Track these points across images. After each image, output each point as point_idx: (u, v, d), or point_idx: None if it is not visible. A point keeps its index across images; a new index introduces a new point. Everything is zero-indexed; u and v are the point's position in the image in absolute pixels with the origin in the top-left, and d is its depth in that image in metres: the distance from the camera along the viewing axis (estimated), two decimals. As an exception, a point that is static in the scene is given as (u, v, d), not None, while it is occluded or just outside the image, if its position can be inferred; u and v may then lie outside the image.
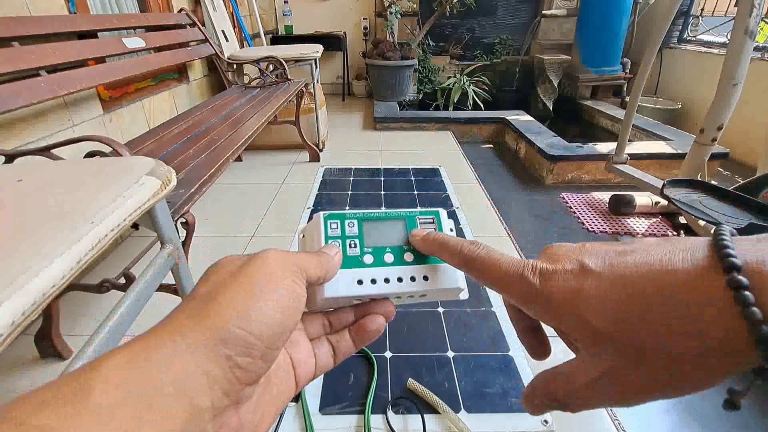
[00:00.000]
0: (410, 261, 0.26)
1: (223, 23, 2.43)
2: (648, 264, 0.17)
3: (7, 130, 1.14)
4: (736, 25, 1.38)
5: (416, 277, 0.26)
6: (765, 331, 0.14)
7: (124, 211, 0.55)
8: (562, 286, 0.19)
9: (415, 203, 1.93)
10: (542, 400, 0.21)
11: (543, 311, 0.19)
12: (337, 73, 4.17)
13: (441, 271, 0.26)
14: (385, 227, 0.27)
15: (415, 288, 0.25)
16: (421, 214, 0.28)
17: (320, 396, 0.97)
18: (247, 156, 2.54)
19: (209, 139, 1.37)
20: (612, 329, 0.17)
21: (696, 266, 0.16)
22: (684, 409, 1.00)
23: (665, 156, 2.23)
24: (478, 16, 3.97)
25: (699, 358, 0.16)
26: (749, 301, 0.14)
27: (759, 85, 2.46)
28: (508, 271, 0.21)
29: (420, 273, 0.26)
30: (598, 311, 0.17)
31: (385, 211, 0.28)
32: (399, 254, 0.26)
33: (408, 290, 0.25)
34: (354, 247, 0.26)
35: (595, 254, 0.19)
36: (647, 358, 0.16)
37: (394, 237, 0.27)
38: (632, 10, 3.35)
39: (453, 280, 0.26)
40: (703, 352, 0.15)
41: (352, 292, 0.25)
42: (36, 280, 0.42)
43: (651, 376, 0.17)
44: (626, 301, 0.17)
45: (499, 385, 1.00)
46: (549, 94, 3.77)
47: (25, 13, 1.22)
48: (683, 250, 0.17)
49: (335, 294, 0.24)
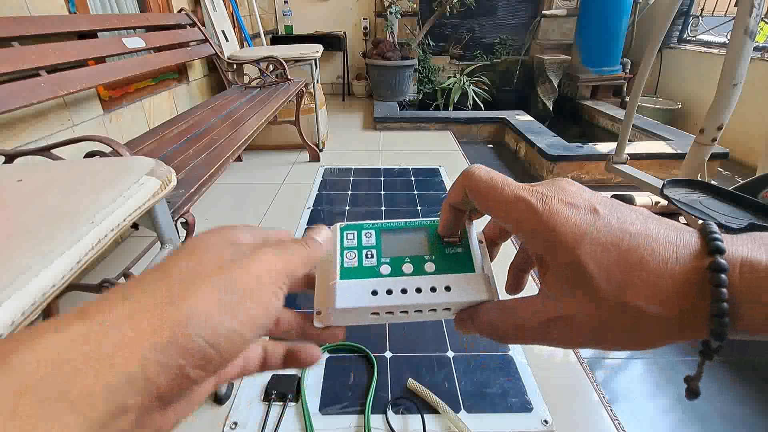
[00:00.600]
0: (431, 271, 0.25)
1: (223, 23, 2.43)
2: (647, 230, 0.18)
3: (7, 130, 1.14)
4: (736, 25, 1.38)
5: (437, 287, 0.24)
6: (723, 307, 0.15)
7: (124, 211, 0.55)
8: (571, 221, 0.19)
9: (415, 203, 1.93)
10: (481, 327, 0.22)
11: (539, 238, 0.19)
12: (337, 73, 4.17)
13: (465, 282, 0.24)
14: (406, 237, 0.26)
15: (435, 300, 0.24)
16: None
17: (320, 396, 0.97)
18: (247, 156, 2.54)
19: (209, 139, 1.37)
20: (602, 278, 0.18)
21: (687, 245, 0.17)
22: (684, 410, 1.00)
23: (665, 156, 2.23)
24: (478, 16, 3.97)
25: (659, 323, 0.17)
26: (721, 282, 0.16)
27: (759, 85, 2.46)
28: (510, 194, 0.20)
29: (441, 283, 0.24)
30: (596, 258, 0.18)
31: (405, 221, 0.27)
32: (419, 264, 0.25)
33: (427, 302, 0.24)
34: (371, 258, 0.25)
35: (606, 205, 0.19)
36: (619, 313, 0.17)
37: (414, 247, 0.26)
38: (632, 10, 3.35)
39: (477, 293, 0.24)
40: (667, 318, 0.17)
41: (365, 302, 0.23)
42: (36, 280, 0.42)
43: (613, 328, 0.18)
44: (623, 257, 0.17)
45: (499, 385, 1.00)
46: (549, 94, 3.77)
47: (25, 13, 1.22)
48: (679, 230, 0.18)
49: (347, 305, 0.23)
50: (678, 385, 1.06)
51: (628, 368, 1.12)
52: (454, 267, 0.25)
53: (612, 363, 1.13)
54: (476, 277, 0.24)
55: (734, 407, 1.01)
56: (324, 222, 1.60)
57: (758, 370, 1.10)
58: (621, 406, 0.99)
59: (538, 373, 1.03)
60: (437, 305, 0.24)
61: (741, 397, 1.03)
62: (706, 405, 1.01)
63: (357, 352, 1.09)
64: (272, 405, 0.95)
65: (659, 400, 1.03)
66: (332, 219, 1.78)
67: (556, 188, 0.20)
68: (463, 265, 0.25)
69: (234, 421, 0.92)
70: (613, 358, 1.15)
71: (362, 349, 1.09)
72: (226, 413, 0.94)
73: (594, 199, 0.20)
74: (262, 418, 0.92)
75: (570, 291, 0.19)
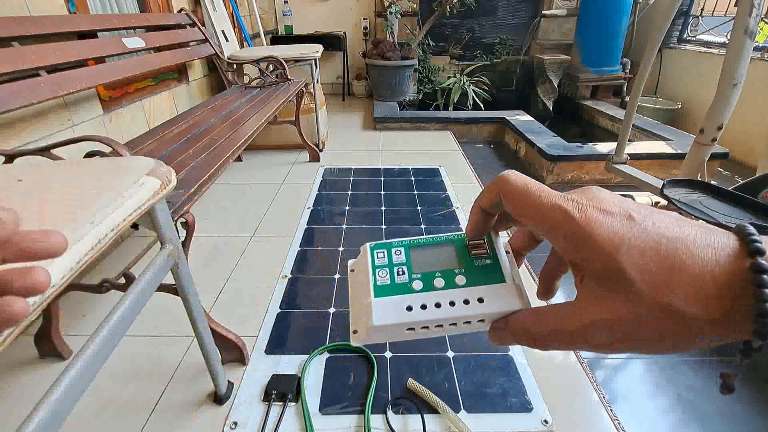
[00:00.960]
0: (462, 284, 0.25)
1: (223, 23, 2.43)
2: (683, 234, 0.18)
3: (7, 130, 1.14)
4: (735, 25, 1.38)
5: (470, 300, 0.24)
6: (766, 308, 0.16)
7: (124, 211, 0.55)
8: (608, 228, 0.19)
9: (415, 203, 1.93)
10: (517, 335, 0.22)
11: (577, 244, 0.20)
12: (337, 73, 4.17)
13: (497, 293, 0.25)
14: (434, 252, 0.27)
15: (469, 312, 0.24)
16: None
17: (320, 396, 0.97)
18: (247, 156, 2.54)
19: (209, 139, 1.37)
20: (643, 282, 0.18)
21: (725, 247, 0.18)
22: (684, 410, 1.00)
23: (665, 156, 2.23)
24: (478, 16, 3.97)
25: (701, 325, 0.17)
26: (764, 283, 0.16)
27: (759, 85, 2.46)
28: (546, 201, 0.21)
29: (474, 295, 0.24)
30: (636, 263, 0.18)
31: (432, 236, 0.28)
32: (450, 278, 0.25)
33: (461, 314, 0.24)
34: (402, 275, 0.26)
35: (640, 211, 0.20)
36: (661, 316, 0.18)
37: (444, 261, 0.26)
38: (632, 10, 3.35)
39: (511, 302, 0.24)
40: (709, 320, 0.17)
41: (401, 319, 0.24)
42: (36, 280, 0.42)
43: (653, 331, 0.18)
44: (663, 261, 0.18)
45: (499, 385, 1.00)
46: (549, 94, 3.77)
47: (25, 13, 1.22)
48: (713, 233, 0.18)
49: (384, 322, 0.24)
50: (678, 386, 1.06)
51: (628, 368, 1.12)
52: (485, 278, 0.25)
53: (612, 363, 1.13)
54: (508, 287, 0.25)
55: (734, 407, 1.01)
56: (324, 222, 1.60)
57: (758, 370, 1.10)
58: (621, 406, 0.99)
59: (538, 373, 1.03)
60: (471, 317, 0.24)
61: (741, 397, 1.03)
62: (706, 405, 1.01)
63: (357, 352, 1.09)
64: (272, 405, 0.95)
65: (659, 400, 1.03)
66: (332, 219, 1.78)
67: (591, 196, 0.21)
68: (493, 275, 0.25)
69: (234, 421, 0.92)
70: (613, 358, 1.15)
71: (362, 349, 1.09)
72: (226, 413, 0.94)
73: (628, 205, 0.20)
74: (262, 418, 0.92)
75: (611, 295, 0.19)
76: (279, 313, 1.22)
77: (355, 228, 1.71)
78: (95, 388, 0.99)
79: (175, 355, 1.09)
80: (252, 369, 1.05)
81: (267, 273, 1.42)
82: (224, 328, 1.02)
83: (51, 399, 0.44)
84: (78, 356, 0.50)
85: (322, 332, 1.15)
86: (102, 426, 0.92)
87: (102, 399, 0.97)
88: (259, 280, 1.38)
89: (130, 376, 1.03)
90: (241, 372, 1.04)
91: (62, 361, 1.07)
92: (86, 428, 0.91)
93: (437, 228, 1.72)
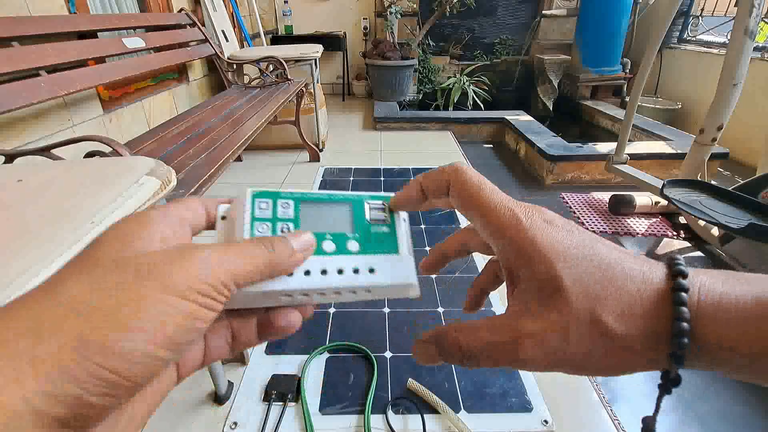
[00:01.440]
0: (355, 251, 0.23)
1: (223, 23, 2.43)
2: (619, 255, 0.19)
3: (7, 130, 1.14)
4: (736, 25, 1.38)
5: (360, 269, 0.22)
6: (683, 327, 0.16)
7: (124, 211, 0.55)
8: (550, 236, 0.19)
9: (415, 203, 1.93)
10: (449, 351, 0.21)
11: (518, 248, 0.20)
12: (337, 73, 4.17)
13: (390, 264, 0.23)
14: (328, 210, 0.24)
15: (357, 282, 0.22)
16: (371, 198, 0.25)
17: (320, 396, 0.97)
18: (247, 156, 2.54)
19: (209, 139, 1.37)
20: (575, 291, 0.18)
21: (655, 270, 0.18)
22: (684, 410, 1.00)
23: (665, 156, 2.23)
24: (478, 16, 3.97)
25: (625, 343, 0.17)
26: (682, 300, 0.17)
27: (759, 85, 2.46)
28: (498, 200, 0.21)
29: (365, 265, 0.22)
30: (572, 272, 0.18)
31: (329, 192, 0.24)
32: (342, 242, 0.23)
33: (349, 284, 0.22)
34: (287, 232, 0.22)
35: (581, 229, 0.21)
36: (588, 331, 0.18)
37: (337, 222, 0.23)
38: (632, 10, 3.35)
39: (403, 275, 0.23)
40: (632, 337, 0.17)
41: (278, 285, 0.20)
42: (36, 280, 0.42)
43: (581, 346, 0.18)
44: (597, 273, 0.18)
45: (499, 385, 1.00)
46: (549, 94, 3.77)
47: (25, 13, 1.22)
48: (647, 260, 0.19)
49: (255, 288, 0.19)
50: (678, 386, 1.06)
51: (628, 368, 1.12)
52: (379, 247, 0.23)
53: (612, 363, 1.13)
54: (401, 259, 0.23)
55: (734, 407, 1.01)
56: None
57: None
58: (621, 406, 0.99)
59: (538, 373, 1.04)
60: (359, 288, 0.22)
61: (741, 397, 1.03)
62: (706, 405, 1.01)
63: (357, 352, 1.09)
64: (272, 405, 0.95)
65: (659, 400, 1.03)
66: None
67: (539, 209, 0.21)
68: (388, 245, 0.24)
69: (234, 421, 0.92)
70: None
71: (362, 349, 1.09)
72: (226, 413, 0.94)
73: (572, 223, 0.21)
74: (262, 418, 0.92)
75: (542, 306, 0.19)
76: (279, 313, 1.22)
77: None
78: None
79: (175, 355, 1.09)
80: (252, 369, 1.05)
81: (267, 273, 1.41)
82: (224, 328, 1.01)
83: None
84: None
85: (322, 332, 1.15)
86: (102, 426, 0.92)
87: (102, 399, 0.97)
88: (259, 280, 1.38)
89: (130, 376, 1.03)
90: (241, 372, 1.04)
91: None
92: (86, 428, 0.91)
93: (437, 228, 1.72)
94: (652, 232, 1.76)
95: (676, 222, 1.82)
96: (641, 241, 1.71)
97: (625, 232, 1.76)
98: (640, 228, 1.79)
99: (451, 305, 1.26)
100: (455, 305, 1.26)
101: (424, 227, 1.72)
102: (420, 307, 1.25)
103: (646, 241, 1.71)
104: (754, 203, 1.35)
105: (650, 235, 1.75)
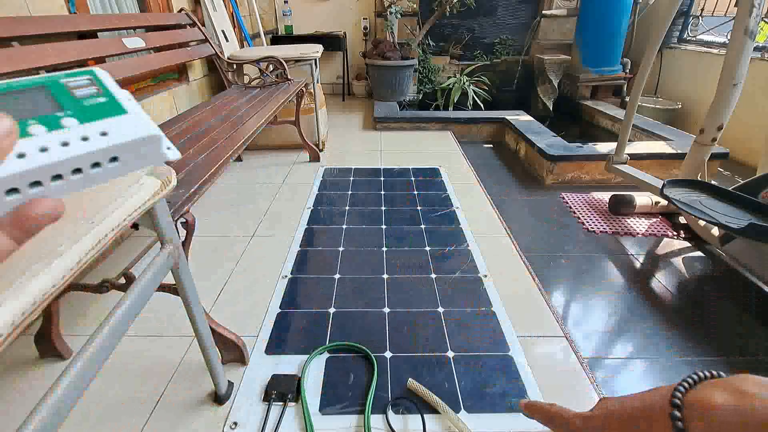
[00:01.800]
0: (74, 125, 0.21)
1: (223, 23, 2.43)
2: None
3: (7, 130, 1.14)
4: (736, 25, 1.38)
5: (90, 136, 0.20)
6: None
7: (124, 211, 0.55)
8: None
9: (415, 203, 1.93)
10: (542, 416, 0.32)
11: None
12: (337, 73, 4.17)
13: (123, 124, 0.21)
14: (21, 99, 0.21)
15: (94, 147, 0.20)
16: (67, 76, 0.23)
17: (320, 396, 0.97)
18: (247, 156, 2.54)
19: (209, 139, 1.37)
20: None
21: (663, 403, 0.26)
22: None
23: (665, 156, 2.23)
24: (478, 16, 3.97)
25: None
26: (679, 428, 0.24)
27: (759, 85, 2.46)
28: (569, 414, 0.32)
29: (94, 131, 0.21)
30: None
31: (6, 81, 0.22)
32: (54, 122, 0.20)
33: (84, 152, 0.20)
34: None
35: None
36: None
37: (40, 106, 0.21)
38: (632, 10, 3.35)
39: (143, 128, 0.22)
40: None
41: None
42: (36, 280, 0.42)
43: None
44: None
45: (499, 385, 1.00)
46: (549, 94, 3.77)
47: (25, 13, 1.22)
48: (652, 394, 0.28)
49: None
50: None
51: (628, 368, 1.12)
52: (103, 113, 0.22)
53: (612, 363, 1.13)
54: (133, 117, 0.22)
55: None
56: (324, 222, 1.59)
57: (759, 372, 1.09)
58: (621, 406, 0.99)
59: (538, 373, 1.04)
60: (98, 153, 0.20)
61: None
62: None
63: (357, 352, 1.09)
64: (272, 405, 0.95)
65: (659, 400, 1.03)
66: (332, 219, 1.79)
67: None
68: (112, 109, 0.22)
69: (234, 421, 0.92)
70: (613, 358, 1.15)
71: (362, 349, 1.09)
72: (226, 413, 0.94)
73: None
74: (262, 418, 0.92)
75: None
76: (279, 313, 1.22)
77: (355, 228, 1.71)
78: (95, 388, 0.99)
79: (175, 355, 1.09)
80: (252, 369, 1.05)
81: (267, 273, 1.42)
82: (224, 328, 1.02)
83: (51, 399, 0.44)
84: (78, 356, 0.50)
85: (322, 332, 1.15)
86: (102, 426, 0.92)
87: (102, 399, 0.97)
88: (259, 280, 1.38)
89: (131, 376, 1.03)
90: (241, 372, 1.04)
91: (62, 361, 1.07)
92: (86, 428, 0.91)
93: (438, 228, 1.72)
94: (652, 232, 1.76)
95: (676, 222, 1.82)
96: (641, 241, 1.71)
97: (625, 232, 1.77)
98: (640, 228, 1.79)
99: (451, 305, 1.26)
100: (455, 305, 1.26)
101: (424, 227, 1.72)
102: (420, 307, 1.25)
103: (646, 241, 1.71)
104: (754, 203, 1.35)
105: (650, 235, 1.75)
